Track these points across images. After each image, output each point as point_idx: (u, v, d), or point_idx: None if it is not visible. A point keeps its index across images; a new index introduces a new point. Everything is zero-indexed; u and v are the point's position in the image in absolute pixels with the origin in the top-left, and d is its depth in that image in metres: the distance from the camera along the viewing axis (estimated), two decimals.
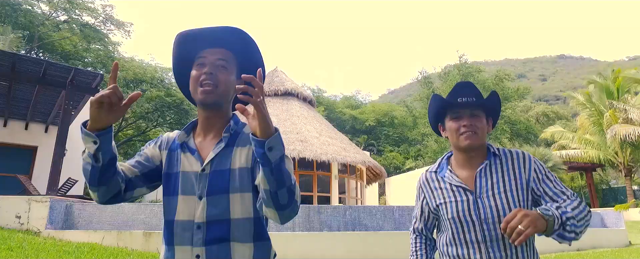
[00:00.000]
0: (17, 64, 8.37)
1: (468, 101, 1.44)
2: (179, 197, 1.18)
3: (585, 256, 7.66)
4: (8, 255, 4.91)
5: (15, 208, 7.14)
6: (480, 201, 1.39)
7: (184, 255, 1.14)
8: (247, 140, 1.22)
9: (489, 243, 1.36)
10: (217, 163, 1.20)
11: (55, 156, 8.47)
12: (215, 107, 1.25)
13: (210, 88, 1.21)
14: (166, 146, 1.28)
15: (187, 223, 1.15)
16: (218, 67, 1.24)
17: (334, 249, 6.78)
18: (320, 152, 14.12)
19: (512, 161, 1.44)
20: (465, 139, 1.43)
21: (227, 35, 1.26)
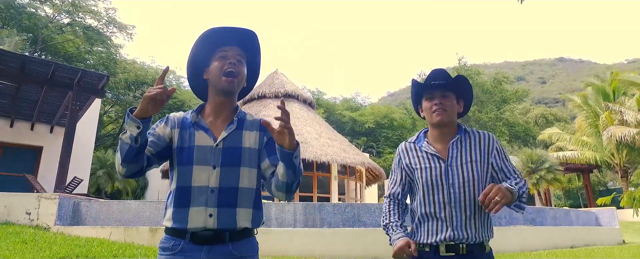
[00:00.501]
0: (26, 66, 8.62)
1: (438, 83, 1.71)
2: (193, 166, 1.40)
3: (578, 253, 7.89)
4: (23, 248, 5.15)
5: (25, 205, 7.37)
6: (450, 169, 1.65)
7: (198, 214, 1.36)
8: (252, 126, 1.50)
9: (453, 203, 1.61)
10: (229, 140, 1.45)
11: (63, 155, 8.70)
12: (231, 94, 1.51)
13: (234, 78, 1.47)
14: (177, 125, 1.48)
15: (202, 188, 1.38)
16: (238, 62, 1.50)
17: (334, 245, 7.00)
18: (320, 153, 14.33)
19: (479, 139, 1.71)
20: (436, 115, 1.69)
21: (245, 35, 1.55)
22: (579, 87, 56.28)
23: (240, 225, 1.39)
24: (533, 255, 7.36)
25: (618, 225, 11.57)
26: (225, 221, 1.37)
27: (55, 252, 5.06)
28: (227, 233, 1.37)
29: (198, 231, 1.35)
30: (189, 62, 1.57)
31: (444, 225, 1.61)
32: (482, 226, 1.63)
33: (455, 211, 1.61)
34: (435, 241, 1.61)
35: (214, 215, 1.36)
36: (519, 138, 35.80)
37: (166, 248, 1.39)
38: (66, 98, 10.36)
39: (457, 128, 1.75)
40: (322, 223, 7.71)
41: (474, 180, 1.64)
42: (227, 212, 1.38)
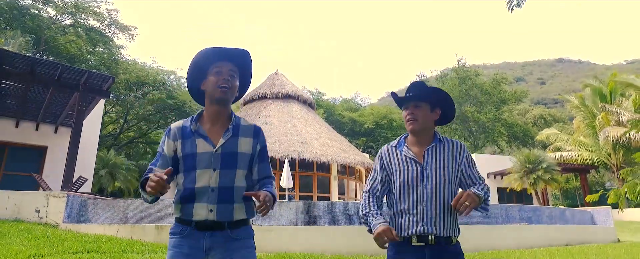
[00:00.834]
0: (34, 67, 8.83)
1: (409, 95, 1.94)
2: (197, 171, 1.66)
3: (572, 250, 8.10)
4: (36, 244, 5.35)
5: (34, 203, 7.58)
6: (425, 172, 1.87)
7: (201, 209, 1.63)
8: (247, 132, 1.76)
9: (425, 202, 1.83)
10: (226, 146, 1.70)
11: (70, 155, 8.90)
12: (225, 104, 1.76)
13: (226, 89, 1.72)
14: (179, 135, 1.73)
15: (204, 188, 1.64)
16: (231, 76, 1.76)
17: (335, 242, 7.19)
18: (320, 154, 14.53)
19: (452, 147, 1.94)
20: (409, 124, 1.93)
21: (236, 54, 1.80)
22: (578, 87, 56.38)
23: (236, 217, 1.67)
24: (528, 253, 7.56)
25: (613, 224, 11.78)
26: (224, 214, 1.65)
27: (67, 248, 5.27)
28: (226, 223, 1.65)
29: (201, 221, 1.64)
30: (189, 75, 1.83)
31: (416, 220, 1.82)
32: (449, 224, 1.84)
33: (426, 209, 1.83)
34: (408, 234, 1.82)
35: (213, 210, 1.63)
36: (518, 138, 36.01)
37: (176, 232, 1.68)
38: (71, 99, 10.56)
39: (433, 136, 1.97)
40: (323, 220, 7.91)
41: (445, 182, 1.86)
42: (224, 208, 1.65)
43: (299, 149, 14.28)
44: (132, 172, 19.61)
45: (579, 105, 21.86)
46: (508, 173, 19.69)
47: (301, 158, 13.95)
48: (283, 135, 15.06)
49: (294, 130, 15.65)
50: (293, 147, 14.32)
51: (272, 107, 17.26)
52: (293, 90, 18.71)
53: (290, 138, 14.86)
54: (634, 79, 18.76)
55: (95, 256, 4.95)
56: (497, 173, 22.43)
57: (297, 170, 14.60)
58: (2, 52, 8.68)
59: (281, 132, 15.18)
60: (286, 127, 15.77)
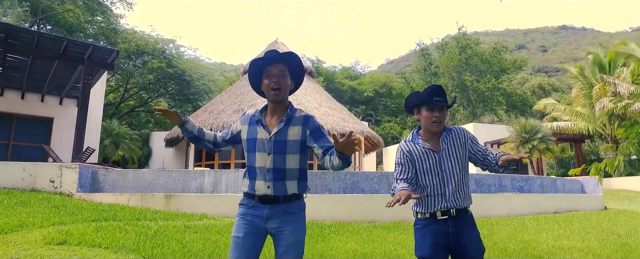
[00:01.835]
0: (39, 41, 8.96)
1: (440, 100, 2.28)
2: (256, 153, 2.07)
3: (558, 218, 8.56)
4: (57, 212, 5.74)
5: (49, 174, 7.95)
6: (442, 158, 2.29)
7: (260, 185, 2.05)
8: (297, 121, 2.09)
9: (445, 183, 2.27)
10: (279, 135, 2.06)
11: (79, 126, 9.19)
12: (280, 102, 2.12)
13: (278, 91, 2.07)
14: (246, 121, 2.16)
15: (262, 168, 2.05)
16: (281, 77, 2.09)
17: (335, 211, 7.62)
18: (320, 122, 14.78)
19: (458, 134, 2.36)
20: (435, 126, 2.28)
21: (284, 56, 2.13)
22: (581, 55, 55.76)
23: (289, 192, 2.06)
24: (517, 220, 8.01)
25: (601, 193, 12.27)
26: (279, 189, 2.04)
27: (86, 216, 5.66)
28: (281, 197, 2.04)
29: (262, 195, 2.05)
30: (251, 82, 2.22)
31: (439, 199, 2.26)
32: (464, 196, 2.31)
33: (447, 188, 2.26)
34: (434, 210, 2.25)
35: (270, 187, 2.04)
36: (516, 107, 36.26)
37: (243, 203, 2.12)
38: (76, 72, 10.73)
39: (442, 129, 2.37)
40: (324, 189, 8.31)
41: (459, 164, 2.30)
42: (279, 184, 2.04)
43: None
44: (135, 141, 19.94)
45: (578, 75, 21.95)
46: (504, 142, 20.07)
47: None
48: None
49: (294, 99, 15.79)
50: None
51: None
52: None
53: None
54: (634, 49, 18.74)
55: (112, 223, 5.34)
56: (493, 142, 22.84)
57: None
58: (8, 27, 8.79)
59: None
60: None
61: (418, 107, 2.35)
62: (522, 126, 19.13)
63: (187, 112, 27.63)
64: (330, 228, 6.21)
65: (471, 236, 2.23)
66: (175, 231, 5.21)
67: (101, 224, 5.14)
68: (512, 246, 5.32)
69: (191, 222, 6.04)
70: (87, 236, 4.39)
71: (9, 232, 4.44)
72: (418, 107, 2.36)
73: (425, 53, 39.00)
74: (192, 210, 7.34)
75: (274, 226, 2.02)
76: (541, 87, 42.05)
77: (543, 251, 5.09)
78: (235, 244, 2.02)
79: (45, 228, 4.71)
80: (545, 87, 41.87)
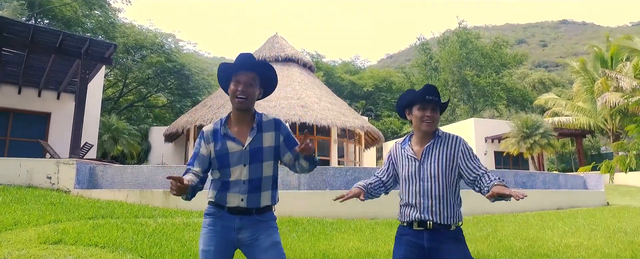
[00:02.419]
0: (35, 35, 8.80)
1: (433, 99, 2.12)
2: (231, 168, 1.93)
3: (562, 214, 8.46)
4: (53, 209, 5.63)
5: (46, 170, 7.83)
6: (422, 167, 2.10)
7: (233, 198, 1.92)
8: (268, 127, 1.99)
9: (423, 194, 2.08)
10: (253, 143, 1.95)
11: (76, 122, 9.05)
12: (246, 110, 1.99)
13: (243, 100, 1.94)
14: (212, 139, 1.99)
15: (237, 181, 1.92)
16: (248, 85, 1.95)
17: (337, 207, 7.51)
18: (320, 117, 14.67)
19: (448, 142, 2.12)
20: (426, 126, 2.11)
21: (256, 64, 1.99)
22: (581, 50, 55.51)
23: (263, 204, 1.95)
24: (521, 216, 7.92)
25: (603, 188, 12.19)
26: (253, 202, 1.93)
27: (82, 213, 5.54)
28: (254, 209, 1.93)
29: (233, 207, 1.93)
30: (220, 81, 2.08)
31: (416, 209, 2.08)
32: (447, 213, 2.04)
33: (423, 199, 2.07)
34: (410, 220, 2.08)
35: (244, 199, 1.92)
36: (517, 102, 36.14)
37: (210, 213, 1.96)
38: (73, 66, 10.58)
39: (433, 133, 2.17)
40: (325, 185, 8.21)
41: (440, 176, 2.06)
42: (254, 196, 1.93)
43: (299, 113, 14.40)
44: (134, 136, 19.80)
45: (580, 70, 21.82)
46: (505, 137, 19.97)
47: (301, 121, 14.09)
48: (283, 99, 15.13)
49: (294, 93, 15.71)
50: (293, 111, 14.44)
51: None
52: (293, 53, 18.59)
53: (290, 102, 14.96)
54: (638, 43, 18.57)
55: (110, 221, 5.23)
56: (494, 137, 22.74)
57: (297, 134, 14.80)
58: (3, 20, 8.62)
59: (281, 96, 15.24)
60: (286, 90, 15.80)
61: (410, 106, 2.20)
62: (524, 121, 19.02)
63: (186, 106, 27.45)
64: (332, 226, 6.11)
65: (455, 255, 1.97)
66: (174, 229, 5.10)
67: (98, 222, 5.03)
68: (518, 244, 5.21)
69: (190, 219, 5.93)
70: (83, 234, 4.28)
71: (2, 231, 4.33)
72: (410, 107, 2.20)
73: (425, 48, 38.80)
74: (191, 206, 7.23)
75: (247, 236, 1.91)
76: (541, 82, 41.93)
77: (549, 250, 4.99)
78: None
79: (40, 226, 4.60)
80: (546, 82, 41.76)
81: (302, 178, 8.20)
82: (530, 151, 18.81)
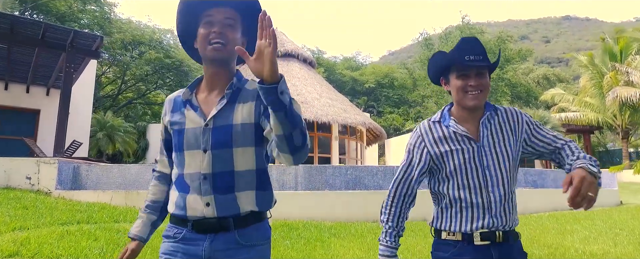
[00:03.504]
0: (15, 26, 8.28)
1: (476, 60, 1.46)
2: (186, 152, 1.28)
3: (578, 215, 7.92)
4: (24, 214, 5.12)
5: (25, 170, 7.33)
6: (482, 150, 1.50)
7: (195, 203, 1.26)
8: (249, 96, 1.30)
9: (490, 187, 1.48)
10: (220, 118, 1.28)
11: (60, 119, 8.56)
12: (223, 64, 1.33)
13: (220, 46, 1.27)
14: (169, 108, 1.37)
15: (194, 175, 1.26)
16: (226, 26, 1.30)
17: (336, 208, 7.01)
18: (321, 114, 14.22)
19: (508, 116, 1.56)
20: (472, 99, 1.48)
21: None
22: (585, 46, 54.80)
23: (244, 209, 1.26)
24: (535, 218, 7.40)
25: (616, 187, 11.64)
26: (225, 208, 1.25)
27: (56, 218, 5.04)
28: (231, 219, 1.25)
29: (198, 219, 1.26)
30: (178, 28, 1.39)
31: (480, 212, 1.47)
32: (513, 210, 1.52)
33: (493, 195, 1.47)
34: (470, 230, 1.47)
35: (211, 204, 1.24)
36: (521, 98, 35.58)
37: (169, 236, 1.31)
38: (60, 60, 10.07)
39: (485, 106, 1.56)
40: (324, 185, 7.69)
41: (508, 160, 1.50)
42: (225, 199, 1.25)
43: None
44: (130, 134, 19.34)
45: (588, 64, 21.21)
46: None
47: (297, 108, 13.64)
48: None
49: (294, 89, 15.24)
50: None
51: None
52: (293, 49, 18.14)
53: None
54: None
55: (83, 227, 4.72)
56: None
57: None
58: None
59: None
60: None
61: (446, 72, 1.57)
62: None
63: None
64: (330, 230, 5.59)
65: None
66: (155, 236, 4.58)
67: (69, 229, 4.52)
68: (537, 252, 4.69)
69: None
70: (46, 245, 3.77)
71: None
72: (446, 74, 1.57)
73: (428, 43, 38.21)
74: None
75: None
76: (546, 78, 41.32)
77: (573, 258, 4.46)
78: None
79: (1, 235, 4.09)
80: (550, 78, 41.13)
81: (300, 177, 7.67)
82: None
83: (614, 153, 26.26)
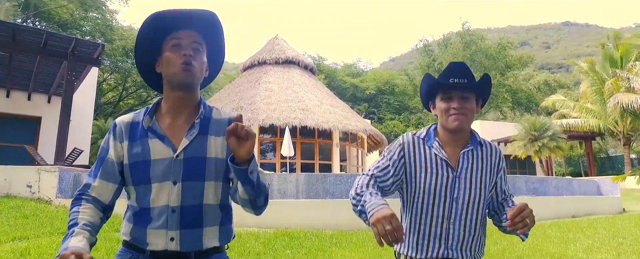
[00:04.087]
0: (17, 34, 8.32)
1: (460, 82, 1.46)
2: (152, 185, 1.21)
3: (580, 223, 7.89)
4: (24, 223, 5.11)
5: (26, 178, 7.31)
6: (457, 181, 1.47)
7: (158, 237, 1.20)
8: (219, 128, 1.28)
9: (453, 219, 1.46)
10: (191, 149, 1.23)
11: (61, 127, 8.57)
12: (191, 88, 1.28)
13: (192, 69, 1.24)
14: (126, 135, 1.27)
15: (163, 208, 1.20)
16: (195, 50, 1.27)
17: (336, 217, 6.98)
18: (322, 120, 14.22)
19: (490, 153, 1.54)
20: (453, 120, 1.47)
21: (200, 17, 1.29)
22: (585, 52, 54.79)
23: (206, 246, 1.24)
24: (537, 227, 7.35)
25: (619, 194, 11.60)
26: (189, 243, 1.22)
27: (56, 228, 5.03)
28: (193, 253, 1.23)
29: (159, 251, 1.22)
30: (136, 52, 1.34)
31: (438, 242, 1.46)
32: (477, 247, 1.50)
33: (453, 228, 1.46)
34: (428, 257, 1.46)
35: (175, 239, 1.20)
36: (522, 104, 35.58)
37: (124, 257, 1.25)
38: (61, 68, 10.10)
39: (471, 137, 1.55)
40: (325, 193, 7.68)
41: (480, 197, 1.48)
42: (190, 234, 1.22)
43: (300, 116, 13.96)
44: None
45: (588, 71, 21.22)
46: (512, 140, 19.39)
47: (302, 125, 13.66)
48: (284, 101, 14.69)
49: (295, 96, 15.26)
50: (294, 114, 14.00)
51: (272, 73, 16.78)
52: (294, 56, 18.18)
53: (291, 105, 14.51)
54: None
55: None
56: (500, 140, 22.15)
57: (298, 137, 14.34)
58: None
59: (282, 99, 14.81)
60: (287, 93, 15.38)
61: (433, 96, 1.55)
62: (531, 123, 18.44)
63: None
64: (330, 239, 5.56)
65: None
66: None
67: None
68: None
69: None
70: (45, 256, 3.75)
71: None
72: (433, 98, 1.56)
73: (427, 50, 38.31)
74: None
75: None
76: (547, 84, 41.35)
77: None
78: None
79: (1, 245, 4.07)
80: (551, 84, 41.16)
81: (300, 186, 7.66)
82: (539, 155, 18.20)
83: (616, 160, 26.20)
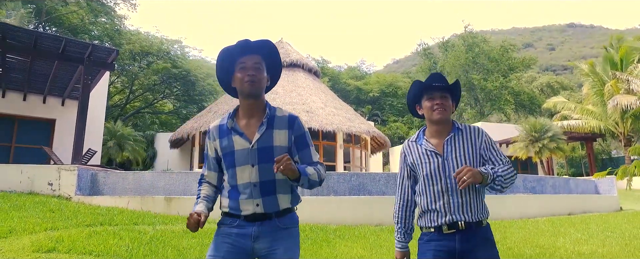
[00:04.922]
0: (38, 41, 8.79)
1: (439, 85, 1.97)
2: (237, 168, 1.74)
3: (574, 220, 8.21)
4: (51, 216, 5.53)
5: (47, 176, 7.76)
6: (446, 162, 1.92)
7: (247, 204, 1.73)
8: (282, 124, 1.79)
9: (450, 192, 1.90)
10: (262, 141, 1.75)
11: (78, 128, 9.00)
12: (256, 97, 1.79)
13: (254, 84, 1.76)
14: (216, 135, 1.81)
15: (247, 184, 1.73)
16: (256, 69, 1.78)
17: (340, 213, 7.35)
18: (326, 122, 14.55)
19: (470, 134, 1.98)
20: (437, 114, 1.95)
21: (259, 46, 1.81)
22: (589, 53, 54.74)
23: (282, 207, 1.75)
24: (531, 222, 7.69)
25: (616, 193, 11.87)
26: (270, 206, 1.73)
27: (81, 221, 5.43)
28: (273, 213, 1.73)
29: (249, 214, 1.73)
30: (218, 75, 1.88)
31: (444, 210, 1.89)
32: (477, 208, 1.90)
33: (452, 199, 1.89)
34: (439, 224, 1.89)
35: (260, 204, 1.72)
36: (524, 106, 35.75)
37: (225, 223, 1.77)
38: (77, 72, 10.56)
39: (452, 126, 2.01)
40: (329, 191, 8.04)
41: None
42: (269, 200, 1.73)
43: (304, 118, 14.28)
44: (139, 143, 19.80)
45: (589, 73, 21.48)
46: (513, 141, 19.67)
47: (307, 127, 13.97)
48: (288, 104, 15.04)
49: (299, 99, 15.61)
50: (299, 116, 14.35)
51: None
52: (298, 59, 18.52)
53: (295, 108, 14.87)
54: None
55: (107, 228, 5.11)
56: (502, 142, 22.42)
57: None
58: (6, 26, 8.63)
59: (286, 101, 15.16)
60: (291, 96, 15.72)
61: (419, 100, 2.05)
62: (532, 125, 18.70)
63: (192, 112, 27.47)
64: (334, 232, 5.94)
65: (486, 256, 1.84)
66: (172, 237, 4.97)
67: (95, 230, 4.91)
68: (528, 252, 5.01)
69: None
70: (78, 242, 4.16)
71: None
72: (419, 101, 2.05)
73: (427, 53, 38.64)
74: None
75: (265, 246, 1.71)
76: (549, 86, 41.48)
77: (561, 258, 4.78)
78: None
79: (35, 234, 4.49)
80: (554, 86, 41.28)
81: None
82: (539, 156, 18.47)
83: (619, 161, 26.37)
